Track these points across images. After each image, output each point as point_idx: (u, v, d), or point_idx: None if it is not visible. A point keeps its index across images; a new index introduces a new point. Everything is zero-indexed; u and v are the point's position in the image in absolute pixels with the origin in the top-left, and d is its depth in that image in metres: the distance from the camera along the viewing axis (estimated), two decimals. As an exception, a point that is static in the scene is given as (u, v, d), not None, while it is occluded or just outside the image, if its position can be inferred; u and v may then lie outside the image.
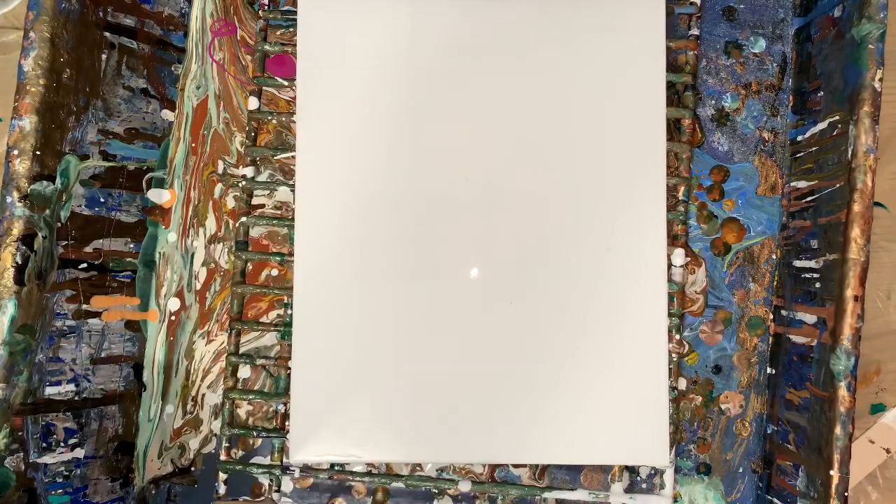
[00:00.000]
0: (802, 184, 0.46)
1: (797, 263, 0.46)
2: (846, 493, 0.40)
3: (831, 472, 0.40)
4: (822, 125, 0.45)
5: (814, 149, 0.46)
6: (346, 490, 0.47)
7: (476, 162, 0.45)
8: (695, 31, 0.48)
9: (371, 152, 0.45)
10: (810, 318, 0.44)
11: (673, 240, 0.46)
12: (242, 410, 0.48)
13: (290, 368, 0.46)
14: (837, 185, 0.42)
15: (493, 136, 0.45)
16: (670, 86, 0.47)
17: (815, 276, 0.44)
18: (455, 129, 0.45)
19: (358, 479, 0.46)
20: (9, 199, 0.41)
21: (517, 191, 0.45)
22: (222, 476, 0.46)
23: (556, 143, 0.45)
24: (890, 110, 0.49)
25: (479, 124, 0.45)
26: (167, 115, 0.50)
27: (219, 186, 0.49)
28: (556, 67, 0.45)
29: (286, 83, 0.48)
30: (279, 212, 0.49)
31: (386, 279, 0.44)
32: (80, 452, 0.45)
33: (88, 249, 0.45)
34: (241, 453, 0.48)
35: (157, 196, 0.49)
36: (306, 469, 0.46)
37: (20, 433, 0.41)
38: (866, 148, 0.41)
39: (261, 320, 0.48)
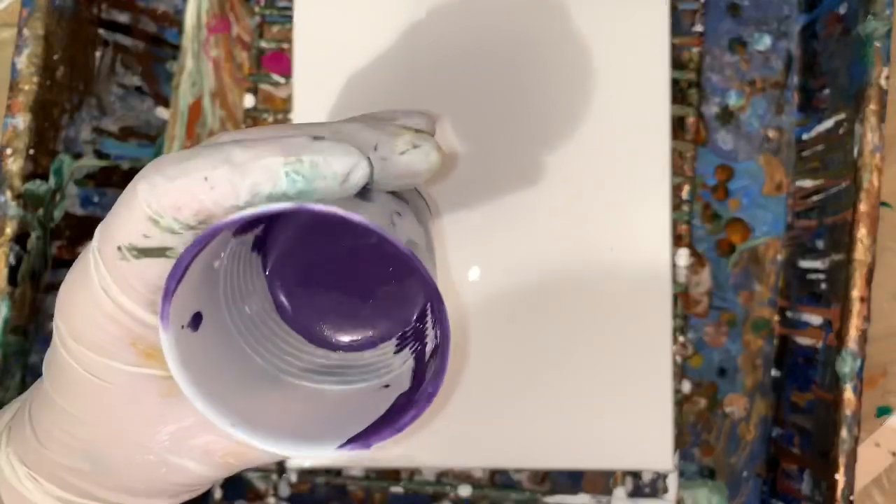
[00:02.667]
0: (808, 183, 0.46)
1: (803, 264, 0.45)
2: (851, 497, 0.39)
3: (836, 476, 0.39)
4: (827, 123, 0.44)
5: (820, 147, 0.45)
6: (344, 494, 0.47)
7: (475, 160, 0.44)
8: (699, 28, 0.47)
9: (369, 151, 0.44)
10: (816, 320, 0.43)
11: (677, 240, 0.46)
12: (239, 413, 0.48)
13: (287, 370, 0.45)
14: (843, 185, 0.42)
15: (493, 134, 0.44)
16: (674, 83, 0.46)
17: (821, 276, 0.43)
18: (454, 128, 0.44)
19: (356, 483, 0.46)
20: (2, 199, 0.40)
21: (517, 189, 0.44)
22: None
23: (558, 141, 0.44)
24: (897, 108, 0.48)
25: (478, 122, 0.44)
26: (162, 112, 0.49)
27: (215, 186, 0.49)
28: (558, 64, 0.44)
29: (282, 80, 0.48)
30: (276, 211, 0.48)
31: (385, 280, 0.44)
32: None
33: (82, 249, 0.45)
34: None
35: (152, 195, 0.49)
36: (304, 473, 0.45)
37: (13, 437, 0.41)
38: (872, 147, 0.40)
39: (258, 321, 0.48)
